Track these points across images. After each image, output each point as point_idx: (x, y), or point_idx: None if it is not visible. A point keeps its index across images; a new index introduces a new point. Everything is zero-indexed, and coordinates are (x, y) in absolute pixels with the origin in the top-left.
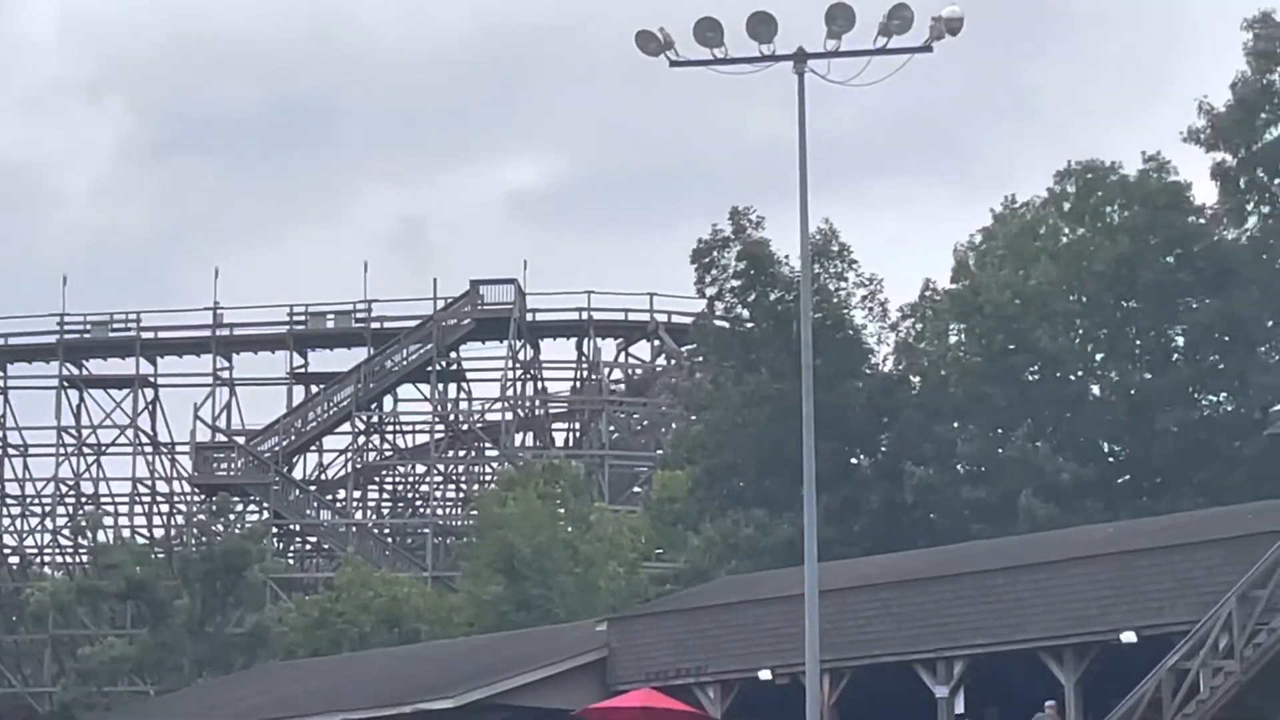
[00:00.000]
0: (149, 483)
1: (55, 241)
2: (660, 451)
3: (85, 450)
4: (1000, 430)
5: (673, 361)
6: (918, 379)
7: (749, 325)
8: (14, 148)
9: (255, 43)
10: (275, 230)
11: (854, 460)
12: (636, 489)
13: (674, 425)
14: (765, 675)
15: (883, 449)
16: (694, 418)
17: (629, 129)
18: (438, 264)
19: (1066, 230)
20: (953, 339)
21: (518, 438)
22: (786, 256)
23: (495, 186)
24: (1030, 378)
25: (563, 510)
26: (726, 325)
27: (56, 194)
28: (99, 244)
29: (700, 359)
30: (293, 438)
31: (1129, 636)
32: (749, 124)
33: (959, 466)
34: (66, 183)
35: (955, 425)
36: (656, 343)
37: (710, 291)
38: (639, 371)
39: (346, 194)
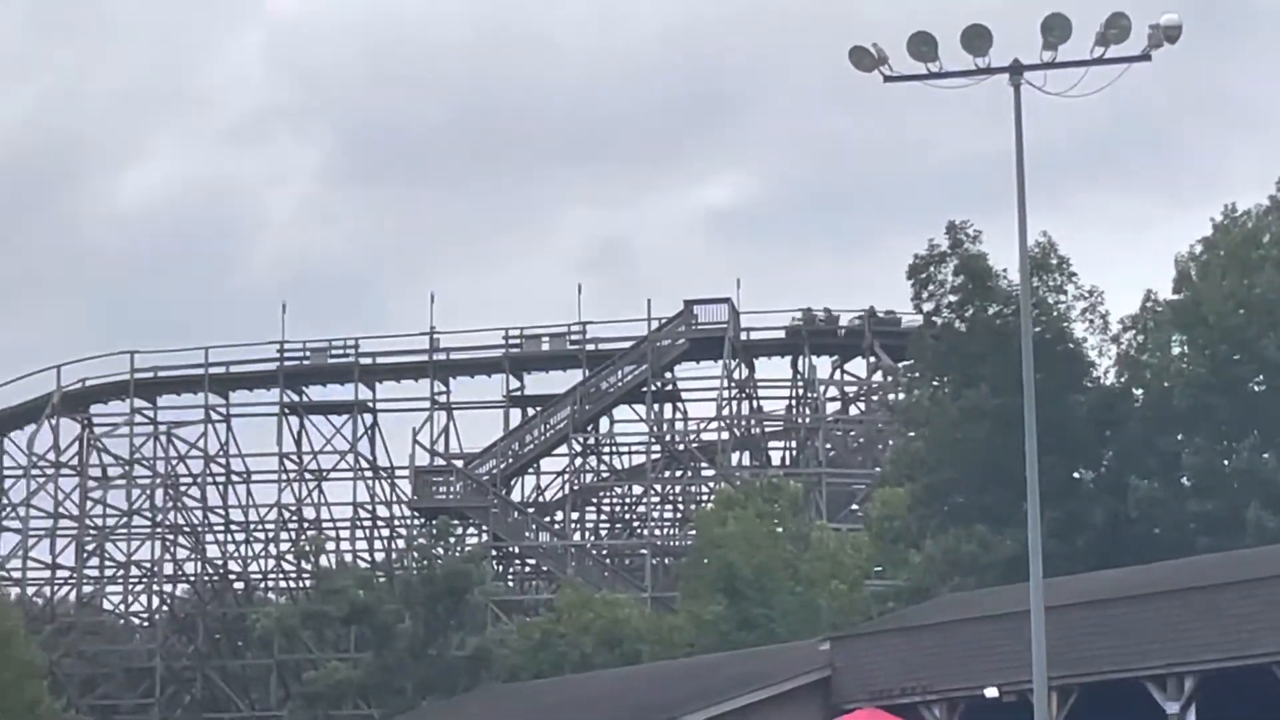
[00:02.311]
0: (369, 507)
1: (263, 268)
2: (877, 469)
3: (306, 476)
4: (1226, 442)
5: (889, 378)
6: (1140, 391)
7: (967, 340)
8: (222, 177)
9: (455, 67)
10: (479, 253)
11: (1076, 475)
12: (854, 506)
13: (891, 442)
14: (992, 693)
15: (1105, 463)
16: (912, 434)
17: (830, 144)
18: (642, 284)
19: None
20: (1175, 350)
21: (734, 457)
22: (1005, 270)
23: (697, 205)
24: (1256, 388)
25: (781, 529)
26: (944, 340)
27: (264, 221)
28: (306, 270)
29: (917, 374)
30: (511, 460)
31: None
32: (950, 138)
33: (1184, 479)
34: (273, 209)
35: (1180, 437)
36: (872, 359)
37: (928, 306)
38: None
39: (548, 215)
